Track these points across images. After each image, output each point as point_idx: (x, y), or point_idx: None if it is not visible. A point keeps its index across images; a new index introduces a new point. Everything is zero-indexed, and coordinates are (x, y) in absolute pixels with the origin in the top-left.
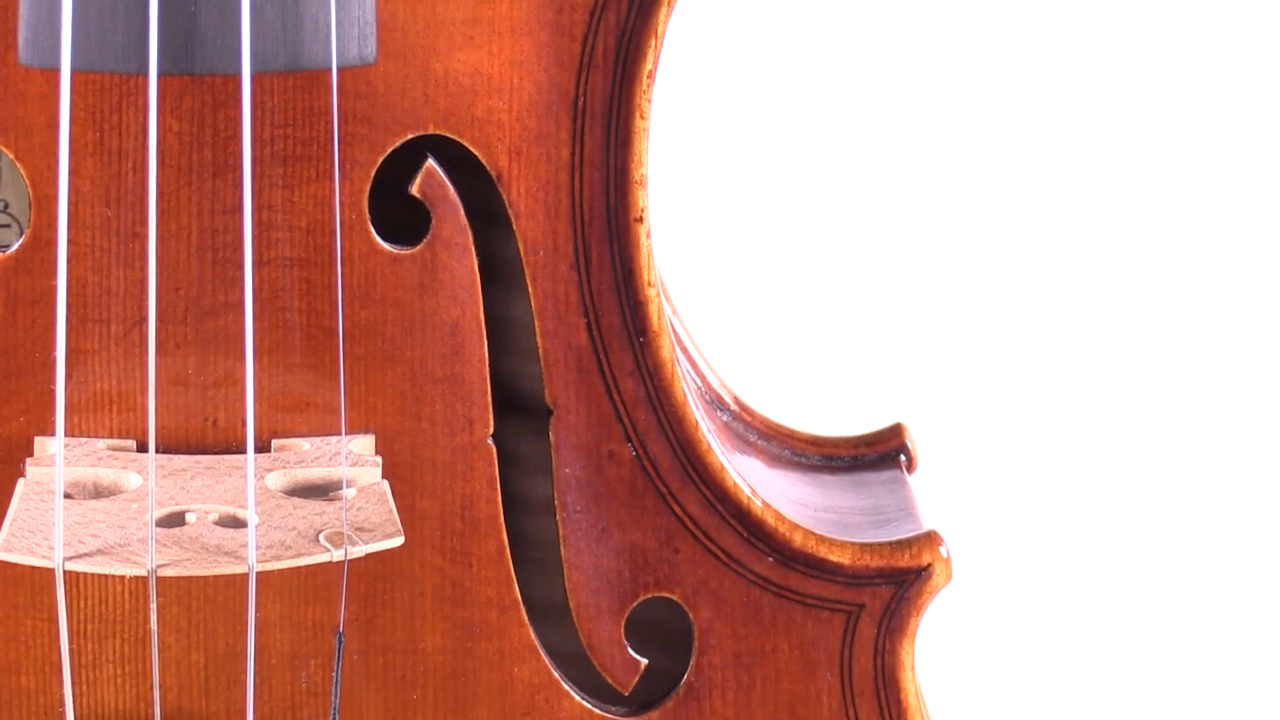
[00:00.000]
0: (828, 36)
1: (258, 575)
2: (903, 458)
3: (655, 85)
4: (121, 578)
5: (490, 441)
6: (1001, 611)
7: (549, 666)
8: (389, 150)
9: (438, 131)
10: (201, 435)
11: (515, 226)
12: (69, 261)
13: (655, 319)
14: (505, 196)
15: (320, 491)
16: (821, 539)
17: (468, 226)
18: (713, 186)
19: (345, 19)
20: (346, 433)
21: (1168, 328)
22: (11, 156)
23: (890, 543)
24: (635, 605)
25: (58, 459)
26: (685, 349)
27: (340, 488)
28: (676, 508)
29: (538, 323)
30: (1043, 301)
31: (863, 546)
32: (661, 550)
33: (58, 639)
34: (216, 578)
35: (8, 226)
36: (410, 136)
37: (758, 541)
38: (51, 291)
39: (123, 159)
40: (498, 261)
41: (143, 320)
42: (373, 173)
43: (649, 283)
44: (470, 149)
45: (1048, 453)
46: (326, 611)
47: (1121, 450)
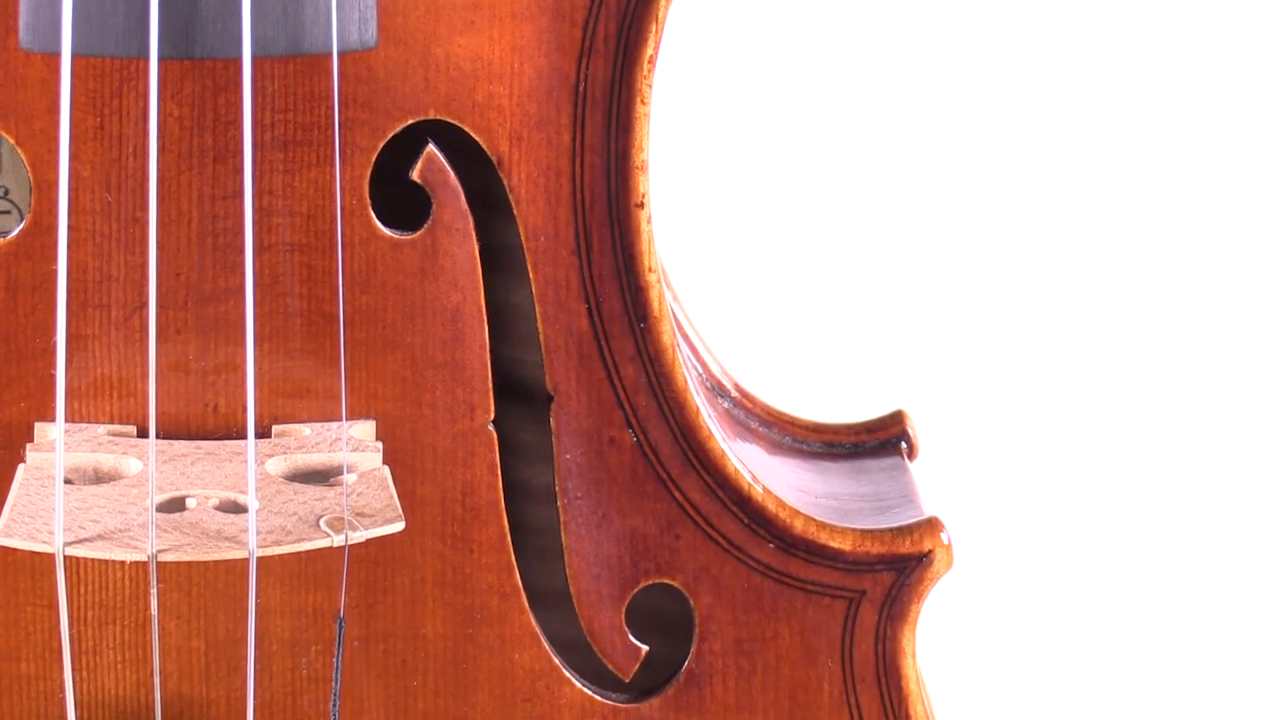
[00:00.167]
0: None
1: (258, 561)
2: (904, 444)
3: (656, 70)
4: (122, 564)
5: (491, 427)
6: (1002, 598)
7: (550, 653)
8: (390, 135)
9: (438, 116)
10: (202, 421)
11: (516, 212)
12: (69, 247)
13: (656, 304)
14: (506, 182)
15: (321, 477)
16: (822, 525)
17: (468, 212)
18: (714, 173)
19: (346, 3)
20: (347, 418)
21: (1167, 315)
22: (12, 142)
23: (891, 529)
24: (636, 592)
25: (58, 444)
26: (686, 335)
27: (341, 473)
28: (677, 494)
29: (538, 308)
30: (1043, 288)
31: (864, 533)
32: (662, 536)
33: (58, 625)
34: (217, 564)
35: (8, 213)
36: (411, 121)
37: (759, 528)
38: (52, 277)
39: (123, 144)
40: (498, 247)
41: (143, 305)
42: (373, 158)
43: (650, 268)
44: (471, 134)
45: (1049, 439)
46: (327, 597)
47: (1122, 437)
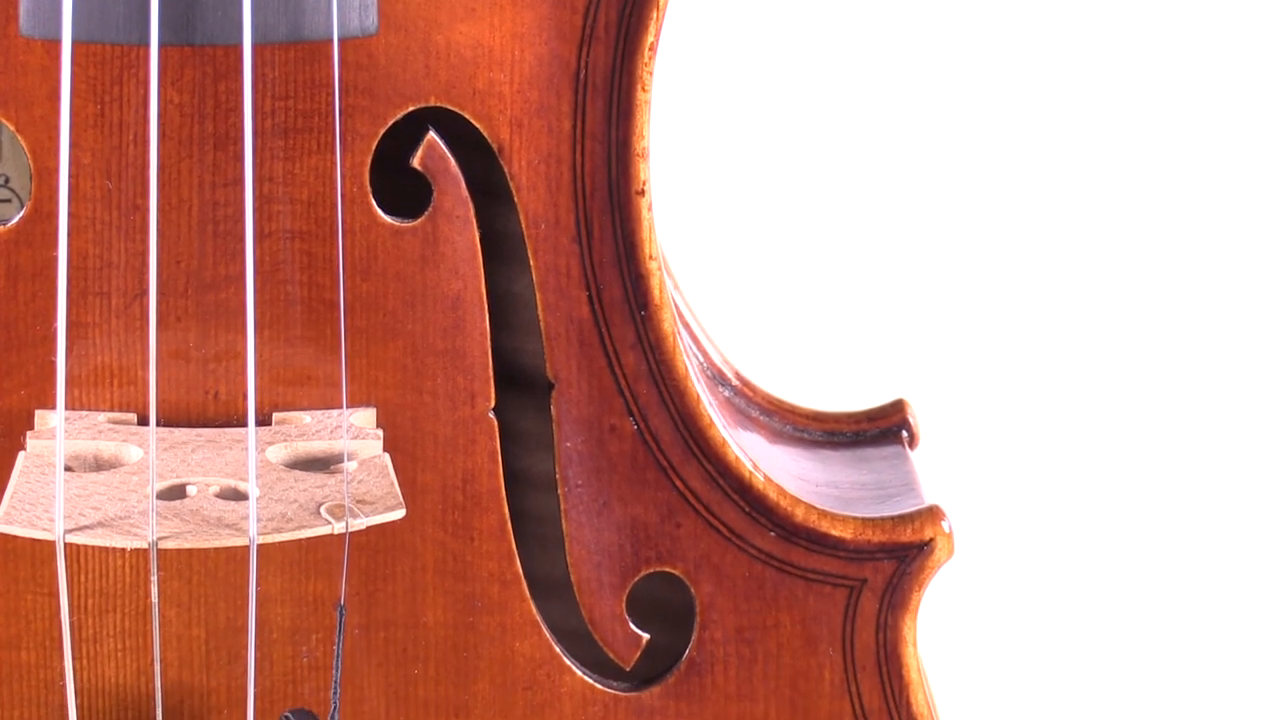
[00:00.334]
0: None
1: (259, 549)
2: (905, 433)
3: (657, 58)
4: (122, 551)
5: (491, 415)
6: (1004, 587)
7: (550, 641)
8: (390, 122)
9: (439, 104)
10: (202, 408)
11: (516, 199)
12: (70, 234)
13: (657, 292)
14: (506, 169)
15: (321, 464)
16: (824, 514)
17: (469, 199)
18: (715, 160)
19: None
20: (348, 406)
21: (1168, 305)
22: (12, 129)
23: (892, 517)
24: (637, 580)
25: (58, 432)
26: (687, 323)
27: (341, 460)
28: (678, 482)
29: (539, 296)
30: (1044, 277)
31: (865, 521)
32: (663, 525)
33: (58, 613)
34: (217, 551)
35: (8, 201)
36: (411, 109)
37: (759, 516)
38: (52, 264)
39: (124, 131)
40: (499, 234)
41: (143, 293)
42: (374, 145)
43: (650, 256)
44: (472, 121)
45: (1050, 428)
46: (327, 585)
47: (1123, 426)
